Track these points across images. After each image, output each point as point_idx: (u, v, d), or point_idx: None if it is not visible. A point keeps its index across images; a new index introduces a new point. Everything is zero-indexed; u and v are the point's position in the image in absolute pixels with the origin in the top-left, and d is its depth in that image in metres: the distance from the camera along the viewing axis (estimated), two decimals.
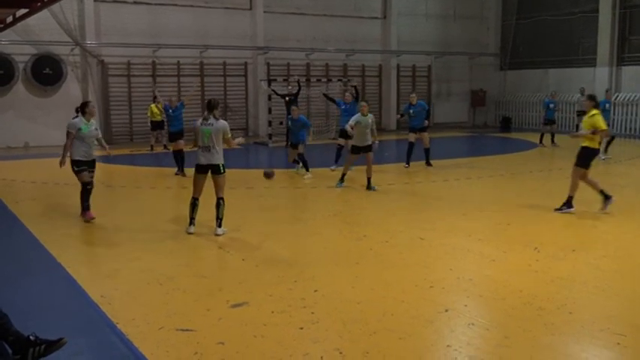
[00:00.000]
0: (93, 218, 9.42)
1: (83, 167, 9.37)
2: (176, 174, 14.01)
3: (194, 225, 8.60)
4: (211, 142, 8.27)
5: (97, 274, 6.98)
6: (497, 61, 29.47)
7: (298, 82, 20.19)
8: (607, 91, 18.61)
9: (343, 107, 15.72)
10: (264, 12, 23.92)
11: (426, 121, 15.47)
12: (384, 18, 26.83)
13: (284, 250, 7.98)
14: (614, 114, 23.62)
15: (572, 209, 9.92)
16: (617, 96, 24.12)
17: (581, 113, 23.10)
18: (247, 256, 7.64)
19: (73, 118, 9.45)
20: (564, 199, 9.99)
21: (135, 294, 6.28)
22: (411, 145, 15.19)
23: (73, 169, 9.40)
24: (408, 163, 15.17)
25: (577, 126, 24.76)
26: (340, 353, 4.80)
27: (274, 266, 7.17)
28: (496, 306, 5.92)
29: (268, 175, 10.09)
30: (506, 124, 28.09)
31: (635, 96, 23.63)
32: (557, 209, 9.97)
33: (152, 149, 19.36)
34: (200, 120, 8.45)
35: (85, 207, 9.47)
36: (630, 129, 23.80)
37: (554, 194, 12.24)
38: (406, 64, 27.47)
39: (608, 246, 8.24)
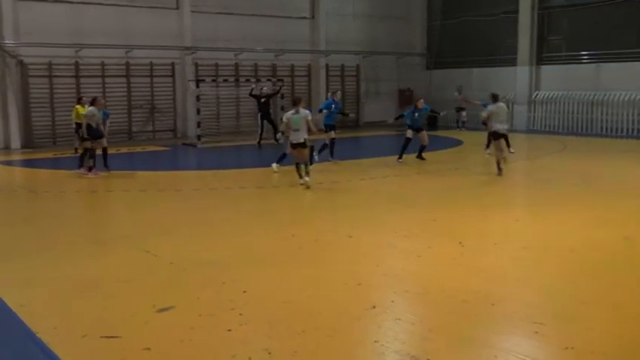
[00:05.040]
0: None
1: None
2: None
3: (303, 178, 11.90)
4: (299, 126, 11.70)
5: (16, 282, 6.71)
6: (424, 60, 30.07)
7: (280, 86, 22.28)
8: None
9: (334, 106, 16.22)
10: (192, 11, 23.60)
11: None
12: (313, 18, 26.95)
13: (213, 252, 7.88)
14: (533, 111, 24.72)
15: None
16: (537, 94, 25.08)
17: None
18: (175, 259, 7.50)
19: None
20: None
21: (56, 302, 6.09)
22: (408, 140, 15.78)
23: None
24: (401, 156, 15.75)
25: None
26: (269, 353, 4.79)
27: (203, 269, 7.07)
28: (422, 300, 6.06)
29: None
30: (432, 123, 28.69)
31: (554, 94, 24.60)
32: None
33: (76, 151, 18.76)
34: (291, 112, 11.93)
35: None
36: (550, 126, 24.75)
37: (479, 189, 12.63)
38: (335, 64, 27.67)
39: (528, 238, 8.53)
